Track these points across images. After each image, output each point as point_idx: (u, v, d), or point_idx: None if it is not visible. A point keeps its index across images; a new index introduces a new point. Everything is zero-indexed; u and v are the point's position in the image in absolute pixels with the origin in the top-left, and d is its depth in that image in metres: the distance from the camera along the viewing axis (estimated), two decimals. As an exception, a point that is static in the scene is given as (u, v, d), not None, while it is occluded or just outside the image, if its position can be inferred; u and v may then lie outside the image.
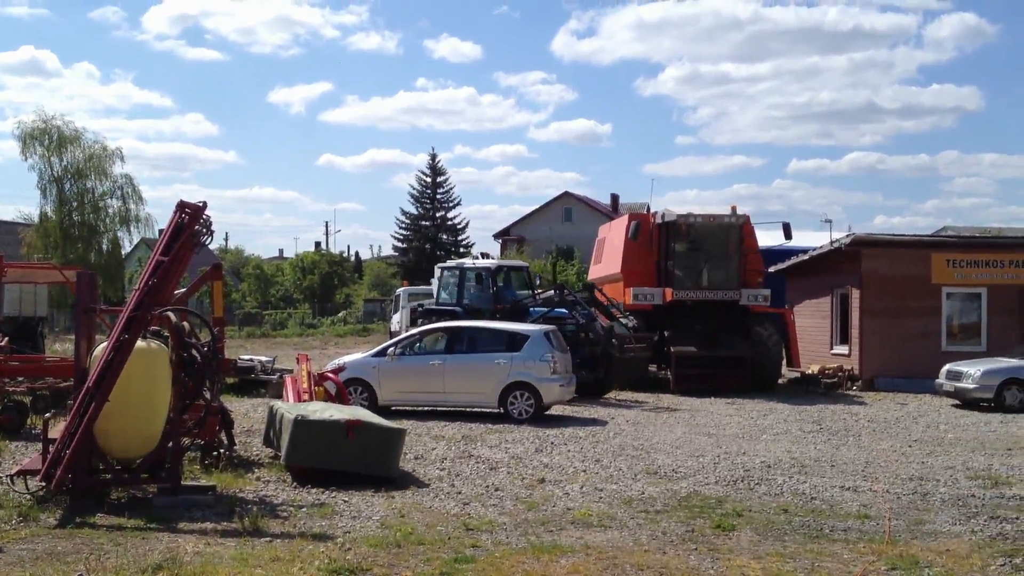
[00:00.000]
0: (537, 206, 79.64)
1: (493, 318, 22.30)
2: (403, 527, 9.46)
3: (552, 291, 24.44)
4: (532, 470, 12.84)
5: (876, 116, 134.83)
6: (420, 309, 24.97)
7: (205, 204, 10.97)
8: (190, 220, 10.90)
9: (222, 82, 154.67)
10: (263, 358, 25.08)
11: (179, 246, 10.83)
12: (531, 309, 23.59)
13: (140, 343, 10.50)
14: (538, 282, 25.72)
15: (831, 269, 28.25)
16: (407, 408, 18.76)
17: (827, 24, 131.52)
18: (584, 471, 12.80)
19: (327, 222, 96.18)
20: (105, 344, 10.56)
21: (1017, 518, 10.23)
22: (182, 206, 10.91)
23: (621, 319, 24.04)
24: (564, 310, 23.17)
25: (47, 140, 48.02)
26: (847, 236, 28.34)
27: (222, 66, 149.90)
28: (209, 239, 11.53)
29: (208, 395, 11.56)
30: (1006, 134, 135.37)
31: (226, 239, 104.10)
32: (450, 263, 26.10)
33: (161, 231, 11.45)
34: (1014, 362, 21.83)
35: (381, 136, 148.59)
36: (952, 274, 26.33)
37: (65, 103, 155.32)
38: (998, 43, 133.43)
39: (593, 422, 18.10)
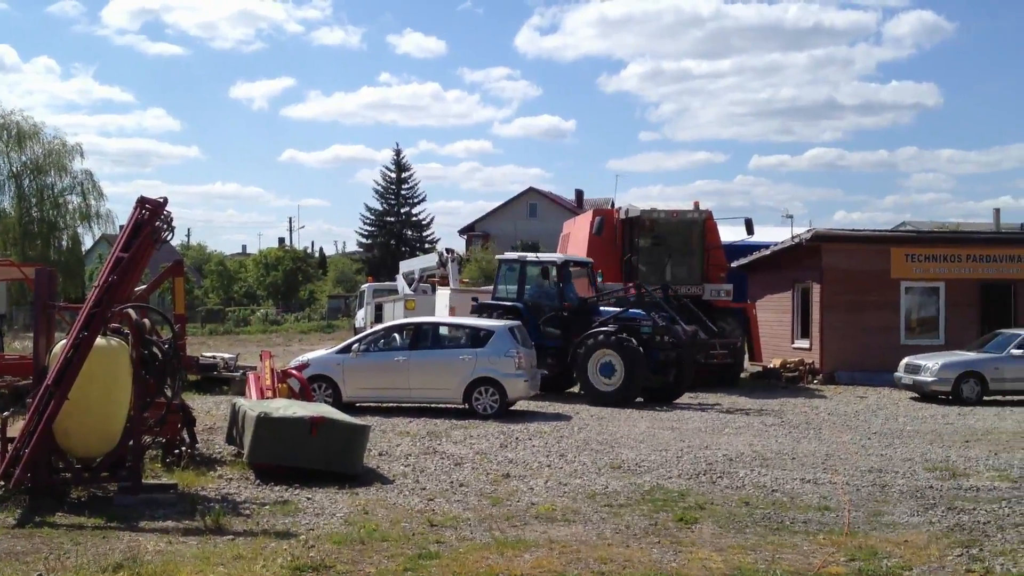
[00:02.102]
0: (502, 202, 79.76)
1: (559, 316, 21.66)
2: (367, 524, 9.45)
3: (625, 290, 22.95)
4: (497, 465, 12.87)
5: (836, 113, 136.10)
6: (476, 304, 23.26)
7: (166, 200, 10.88)
8: (150, 216, 10.81)
9: (184, 77, 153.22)
10: (226, 355, 24.89)
11: (139, 242, 10.74)
12: (600, 308, 22.16)
13: (100, 340, 10.39)
14: (600, 279, 23.78)
15: (792, 264, 28.53)
16: (372, 404, 18.72)
17: (788, 21, 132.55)
18: (549, 466, 12.85)
19: (291, 218, 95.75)
20: (64, 342, 10.45)
21: (974, 509, 10.40)
22: (142, 202, 10.82)
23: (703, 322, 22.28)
24: (640, 311, 21.69)
25: (6, 135, 47.28)
26: (808, 231, 28.62)
27: (183, 61, 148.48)
28: (170, 235, 11.45)
29: (169, 393, 11.49)
30: (964, 130, 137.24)
31: (188, 235, 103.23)
32: (510, 255, 24.04)
33: (122, 227, 11.33)
34: (971, 355, 22.16)
35: (344, 131, 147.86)
36: (911, 269, 26.69)
37: (24, 98, 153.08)
38: (956, 40, 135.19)
39: (558, 417, 18.17)
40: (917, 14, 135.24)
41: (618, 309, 21.86)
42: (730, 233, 30.03)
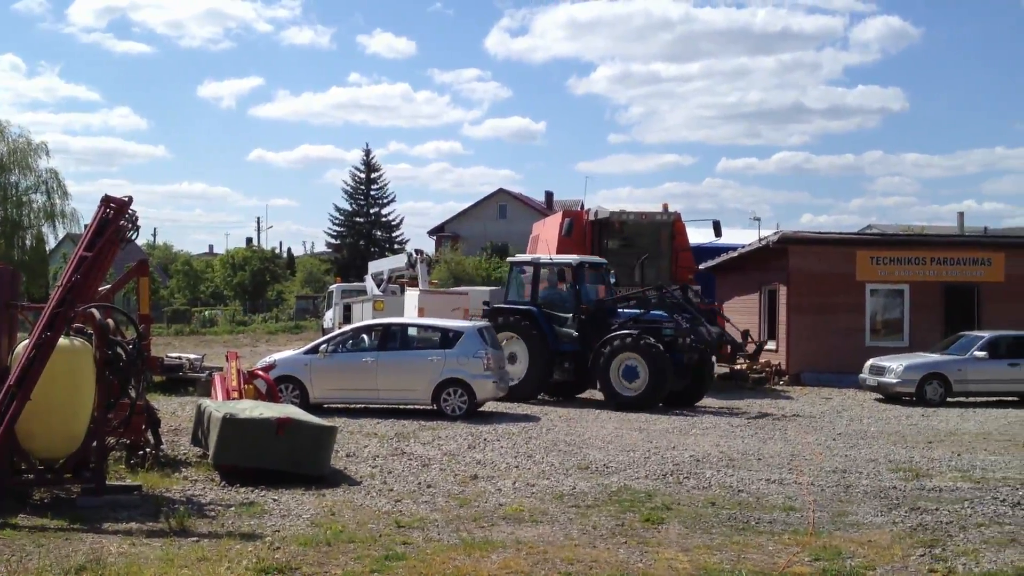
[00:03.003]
0: (472, 203, 79.79)
1: (576, 319, 21.17)
2: (333, 525, 9.41)
3: (647, 291, 22.08)
4: (465, 466, 12.86)
5: (803, 116, 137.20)
6: (488, 308, 22.61)
7: (130, 199, 10.79)
8: (115, 215, 10.72)
9: (151, 76, 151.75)
10: (191, 356, 24.70)
11: (103, 242, 10.64)
12: (618, 310, 21.51)
13: (63, 341, 10.29)
14: (613, 280, 23.14)
15: (759, 266, 28.73)
16: (339, 406, 18.63)
17: (756, 25, 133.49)
18: (516, 467, 12.85)
19: (259, 218, 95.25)
20: (27, 342, 10.34)
21: (937, 509, 10.51)
22: (107, 201, 10.72)
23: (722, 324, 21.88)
24: (662, 313, 21.03)
25: (-31, 134, 46.73)
26: (775, 234, 28.82)
27: (151, 59, 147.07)
28: (135, 234, 11.36)
29: (134, 393, 11.37)
30: (929, 135, 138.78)
31: (154, 235, 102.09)
32: (523, 257, 23.23)
33: (87, 226, 11.23)
34: (935, 357, 22.41)
35: (314, 131, 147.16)
36: (876, 271, 26.95)
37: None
38: (921, 46, 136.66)
39: (526, 418, 18.18)
40: (884, 19, 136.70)
41: (636, 311, 21.26)
42: (698, 235, 30.17)
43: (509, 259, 23.28)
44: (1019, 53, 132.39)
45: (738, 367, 26.56)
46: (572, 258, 22.33)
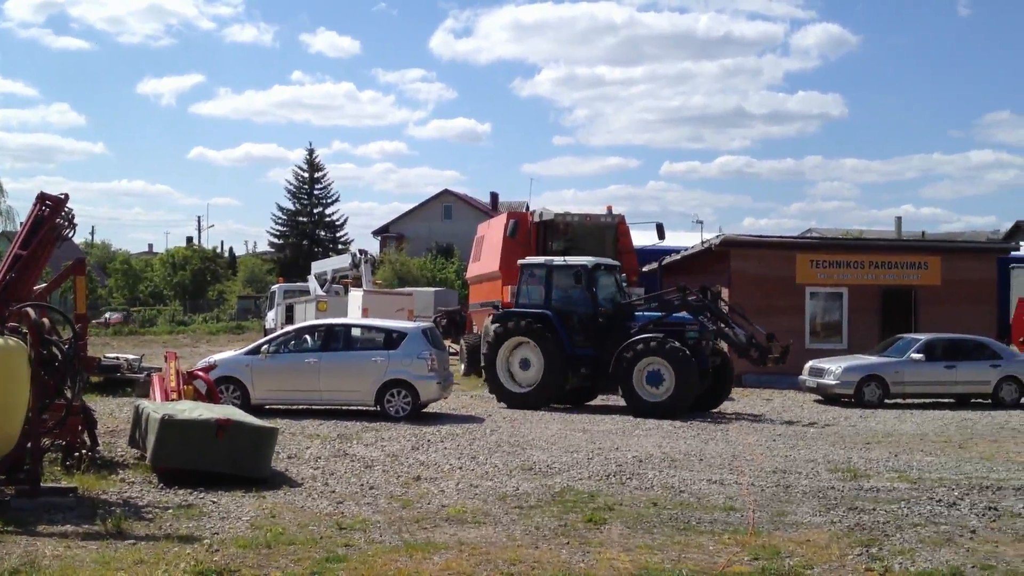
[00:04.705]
0: (417, 203, 79.63)
1: (594, 322, 20.51)
2: (273, 527, 9.30)
3: (667, 293, 21.56)
4: (408, 468, 12.80)
5: (745, 121, 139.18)
6: (497, 312, 21.83)
7: (67, 196, 10.61)
8: (51, 213, 10.53)
9: (89, 72, 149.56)
10: (130, 356, 24.38)
11: (39, 240, 10.46)
12: (637, 313, 20.84)
13: (-3, 340, 10.05)
14: (626, 283, 22.36)
15: (702, 269, 28.99)
16: (281, 407, 18.46)
17: (699, 30, 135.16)
18: (460, 468, 12.82)
19: (199, 217, 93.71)
20: (-42, 341, 10.07)
21: (874, 509, 10.67)
22: (42, 198, 10.53)
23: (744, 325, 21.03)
24: (686, 315, 20.36)
25: (-102, 127, 45.62)
26: (717, 237, 29.17)
27: (89, 55, 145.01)
28: (72, 233, 11.18)
29: (69, 394, 11.15)
30: (867, 140, 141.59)
31: (92, 233, 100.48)
32: (536, 259, 22.12)
33: (22, 224, 11.01)
34: (873, 359, 22.78)
35: (256, 130, 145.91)
36: (815, 274, 27.37)
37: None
38: (860, 53, 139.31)
39: (470, 420, 18.15)
40: (823, 26, 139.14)
41: (655, 314, 20.62)
42: (642, 237, 30.45)
43: (520, 261, 22.25)
44: (955, 61, 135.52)
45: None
46: (587, 260, 21.54)
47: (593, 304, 20.71)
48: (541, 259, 22.10)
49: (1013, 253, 33.59)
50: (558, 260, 21.63)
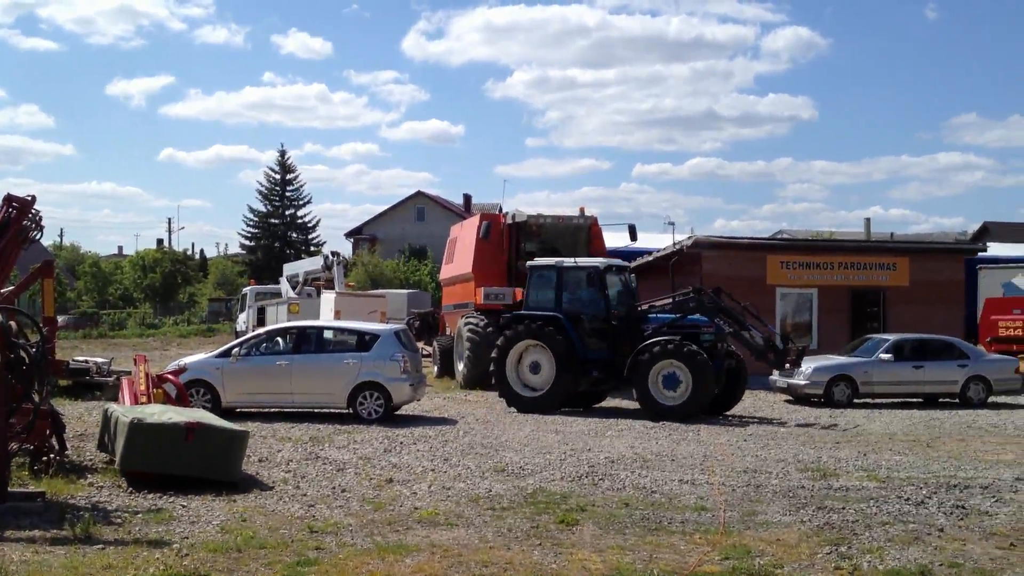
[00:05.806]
0: (390, 205, 79.47)
1: (607, 325, 20.25)
2: (244, 531, 9.25)
3: (683, 295, 20.99)
4: (380, 470, 12.77)
5: (716, 123, 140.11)
6: (508, 315, 21.39)
7: (34, 198, 10.51)
8: (17, 214, 10.43)
9: (58, 73, 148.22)
10: (99, 359, 24.12)
11: (6, 242, 10.37)
12: (650, 316, 20.47)
13: (-38, 343, 9.94)
14: (634, 285, 21.98)
15: (674, 270, 29.11)
16: (252, 410, 18.36)
17: (670, 33, 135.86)
18: (433, 470, 12.81)
19: (170, 219, 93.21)
20: (-77, 345, 9.96)
21: (843, 508, 10.75)
22: (9, 200, 10.44)
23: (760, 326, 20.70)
24: (701, 317, 20.00)
25: None
26: (689, 238, 29.32)
27: (58, 56, 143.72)
28: (39, 234, 11.09)
29: (37, 398, 11.05)
30: (836, 143, 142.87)
31: (61, 235, 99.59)
32: (544, 261, 21.63)
33: (-13, 226, 10.88)
34: (842, 359, 22.95)
35: (227, 131, 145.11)
36: (786, 275, 27.59)
37: None
38: (829, 56, 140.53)
39: (443, 421, 18.13)
40: (793, 30, 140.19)
41: (669, 316, 20.27)
42: (615, 239, 30.53)
43: (529, 263, 21.76)
44: (924, 64, 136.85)
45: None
46: (599, 261, 21.42)
47: (605, 306, 20.47)
48: (551, 261, 21.61)
49: (981, 254, 33.94)
50: (568, 262, 21.24)
